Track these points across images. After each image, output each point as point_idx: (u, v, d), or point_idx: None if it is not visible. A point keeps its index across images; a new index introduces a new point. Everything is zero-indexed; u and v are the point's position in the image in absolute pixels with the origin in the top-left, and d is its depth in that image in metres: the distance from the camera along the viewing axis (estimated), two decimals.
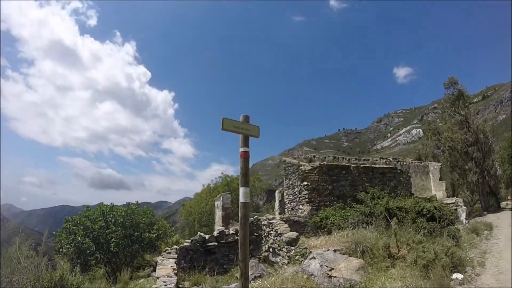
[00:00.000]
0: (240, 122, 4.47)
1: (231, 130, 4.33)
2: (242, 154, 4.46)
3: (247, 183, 4.45)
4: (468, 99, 29.56)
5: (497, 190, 30.13)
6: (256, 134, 4.60)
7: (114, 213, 16.13)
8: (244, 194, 4.40)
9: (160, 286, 7.07)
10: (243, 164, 4.43)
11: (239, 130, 4.42)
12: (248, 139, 4.52)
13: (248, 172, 4.49)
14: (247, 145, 4.49)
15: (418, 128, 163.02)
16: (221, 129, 4.25)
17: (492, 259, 9.37)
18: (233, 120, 4.40)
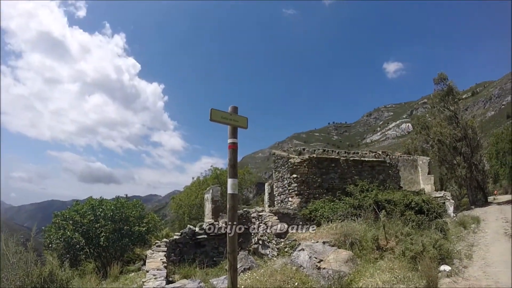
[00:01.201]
0: (228, 113, 4.44)
1: (219, 121, 4.30)
2: (230, 145, 4.44)
3: (235, 174, 4.44)
4: (457, 95, 29.94)
5: (484, 184, 30.67)
6: (245, 125, 4.57)
7: (103, 207, 16.03)
8: (232, 186, 4.39)
9: (149, 279, 7.05)
10: (231, 155, 4.42)
11: (227, 121, 4.39)
12: (236, 130, 4.50)
13: (236, 164, 4.47)
14: (236, 136, 4.47)
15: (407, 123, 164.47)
16: (209, 120, 4.22)
17: (479, 252, 9.53)
18: (221, 111, 4.37)
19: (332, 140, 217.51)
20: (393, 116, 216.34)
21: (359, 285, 5.99)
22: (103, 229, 15.25)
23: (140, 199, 19.28)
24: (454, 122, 27.65)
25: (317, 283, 6.09)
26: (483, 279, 6.77)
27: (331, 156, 16.39)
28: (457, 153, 26.82)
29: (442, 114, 28.16)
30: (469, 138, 26.83)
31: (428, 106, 34.98)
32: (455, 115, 27.99)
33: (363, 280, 6.18)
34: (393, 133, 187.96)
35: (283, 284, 5.75)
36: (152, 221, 17.73)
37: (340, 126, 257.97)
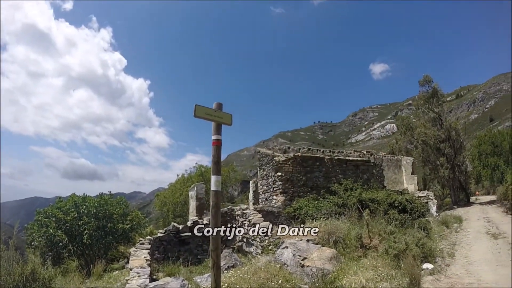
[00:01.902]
0: (212, 110, 4.39)
1: (203, 117, 4.25)
2: (214, 142, 4.40)
3: (219, 171, 4.41)
4: (442, 97, 30.54)
5: (467, 185, 31.36)
6: (229, 122, 4.54)
7: (86, 204, 15.81)
8: (215, 183, 4.36)
9: (133, 277, 6.97)
10: (215, 152, 4.38)
11: (212, 118, 4.34)
12: (220, 127, 4.46)
13: (220, 160, 4.44)
14: (220, 133, 4.43)
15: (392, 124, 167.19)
16: (193, 116, 4.17)
17: (461, 251, 9.70)
18: (205, 107, 4.31)
19: (318, 139, 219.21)
20: (378, 116, 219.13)
21: (343, 283, 6.01)
22: (86, 227, 15.03)
23: (124, 196, 19.07)
24: (438, 124, 28.19)
25: (300, 281, 6.10)
26: (465, 277, 6.89)
27: (316, 155, 16.49)
28: (440, 154, 27.34)
29: (426, 115, 28.67)
30: (452, 140, 27.38)
31: (413, 107, 35.63)
32: (439, 117, 28.53)
33: (347, 277, 6.21)
34: (377, 133, 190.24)
35: (267, 282, 5.74)
36: (136, 218, 17.54)
37: (325, 125, 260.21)
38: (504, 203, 18.31)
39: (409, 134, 29.89)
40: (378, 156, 22.54)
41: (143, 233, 17.01)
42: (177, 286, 6.11)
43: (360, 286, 5.84)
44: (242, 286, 5.49)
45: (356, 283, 5.94)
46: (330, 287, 5.88)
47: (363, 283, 5.92)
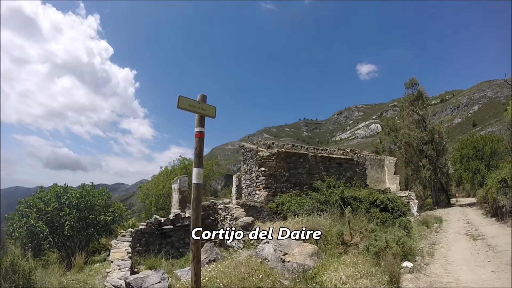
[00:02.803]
0: (196, 102, 4.33)
1: (186, 109, 4.20)
2: (197, 134, 4.35)
3: (201, 164, 4.37)
4: (426, 100, 31.19)
5: (448, 187, 32.10)
6: (212, 114, 4.49)
7: (68, 195, 15.63)
8: (197, 175, 4.32)
9: (114, 269, 6.89)
10: (198, 144, 4.33)
11: (195, 109, 4.29)
12: (204, 119, 4.41)
13: (202, 153, 4.40)
14: (203, 125, 4.38)
15: (377, 124, 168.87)
16: (176, 107, 4.12)
17: (441, 250, 9.91)
18: (189, 98, 4.25)
19: (302, 136, 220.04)
20: (363, 116, 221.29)
21: (323, 279, 6.04)
22: (67, 218, 14.85)
23: (107, 188, 18.88)
24: (422, 126, 28.76)
25: (281, 276, 6.12)
26: (444, 276, 7.03)
27: (299, 151, 16.53)
28: (423, 155, 27.90)
29: (411, 117, 29.19)
30: (435, 142, 27.95)
31: (398, 109, 36.17)
32: (423, 119, 29.10)
33: (327, 274, 6.25)
34: (362, 133, 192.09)
35: (247, 276, 5.74)
36: (118, 210, 17.41)
37: (310, 122, 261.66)
38: (484, 206, 18.75)
39: (393, 135, 30.39)
40: (361, 155, 22.73)
41: (125, 225, 16.88)
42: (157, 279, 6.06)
43: (340, 283, 5.88)
44: (223, 280, 5.48)
45: (337, 279, 5.98)
46: (311, 283, 5.91)
47: (343, 279, 5.97)
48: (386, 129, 32.47)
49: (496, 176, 16.46)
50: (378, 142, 36.21)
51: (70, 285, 7.94)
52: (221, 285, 5.33)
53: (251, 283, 5.49)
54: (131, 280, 5.64)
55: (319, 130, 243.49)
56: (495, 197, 15.42)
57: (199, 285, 4.34)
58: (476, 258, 8.61)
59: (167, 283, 5.44)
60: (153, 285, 5.41)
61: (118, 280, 6.22)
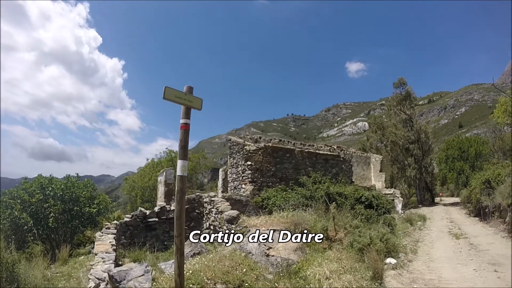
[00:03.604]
0: (183, 93, 4.28)
1: (172, 100, 4.14)
2: (183, 125, 4.30)
3: (186, 156, 4.33)
4: (414, 101, 31.62)
5: (432, 186, 32.68)
6: (199, 106, 4.44)
7: (53, 186, 15.42)
8: (181, 168, 4.28)
9: (98, 262, 6.83)
10: (183, 136, 4.28)
11: (181, 101, 4.22)
12: (189, 111, 4.35)
13: (187, 145, 4.35)
14: (188, 117, 4.33)
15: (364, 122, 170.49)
16: (162, 98, 4.07)
17: (424, 248, 10.12)
18: (176, 90, 4.20)
19: (290, 132, 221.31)
20: (351, 113, 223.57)
21: (307, 274, 6.09)
22: (52, 209, 14.66)
23: (92, 179, 18.69)
24: (409, 126, 29.16)
25: (265, 270, 6.14)
26: (426, 273, 7.19)
27: (286, 146, 16.54)
28: (409, 154, 28.32)
29: (398, 116, 29.57)
30: (421, 142, 28.39)
31: (386, 107, 36.57)
32: (410, 119, 29.51)
33: (311, 268, 6.30)
34: (349, 130, 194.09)
35: (231, 270, 5.75)
36: (104, 202, 17.26)
37: (298, 118, 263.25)
38: (467, 206, 19.13)
39: (380, 133, 30.75)
40: (348, 152, 22.89)
41: (110, 217, 16.71)
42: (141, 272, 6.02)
43: (324, 278, 5.93)
44: (207, 274, 5.48)
45: (320, 274, 6.03)
46: (294, 277, 5.95)
47: (327, 274, 6.01)
48: (374, 127, 32.81)
49: (480, 177, 16.76)
50: (365, 139, 36.55)
51: (54, 278, 7.86)
52: (205, 278, 5.32)
53: (235, 277, 5.50)
54: (114, 272, 5.59)
55: (306, 126, 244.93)
56: (479, 198, 15.72)
57: (182, 278, 4.31)
58: (458, 256, 8.80)
59: (151, 276, 5.41)
60: (137, 278, 5.37)
61: (102, 273, 6.17)
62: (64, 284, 7.26)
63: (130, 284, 5.20)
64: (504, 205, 12.31)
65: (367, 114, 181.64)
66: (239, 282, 5.42)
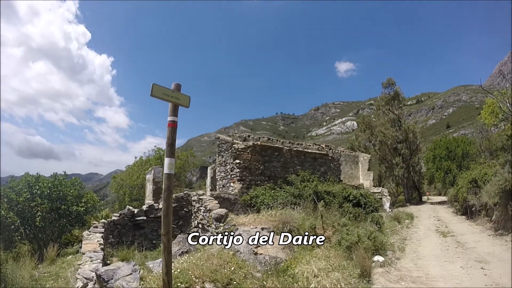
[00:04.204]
0: (170, 90, 4.25)
1: (160, 97, 4.12)
2: (170, 123, 4.28)
3: (173, 154, 4.31)
4: (402, 101, 31.97)
5: (420, 185, 33.10)
6: (186, 104, 4.42)
7: (40, 184, 15.21)
8: (169, 165, 4.26)
9: (85, 261, 6.76)
10: (170, 134, 4.26)
11: (169, 98, 4.20)
12: (177, 108, 4.34)
13: (174, 143, 4.33)
14: (176, 115, 4.31)
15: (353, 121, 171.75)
16: (150, 95, 4.05)
17: (411, 246, 10.23)
18: (163, 87, 4.17)
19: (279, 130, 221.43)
20: (340, 113, 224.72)
21: (295, 272, 6.11)
22: (39, 208, 14.48)
23: (80, 177, 18.50)
24: (397, 125, 29.48)
25: (253, 268, 6.15)
26: (414, 271, 7.27)
27: (275, 145, 16.54)
28: (397, 153, 28.63)
29: (386, 116, 29.86)
30: (409, 141, 28.73)
31: (374, 107, 36.88)
32: (399, 118, 29.84)
33: (300, 266, 6.32)
34: (338, 129, 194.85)
35: (220, 268, 5.75)
36: (91, 201, 17.09)
37: (287, 117, 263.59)
38: (454, 204, 19.39)
39: (368, 132, 31.00)
40: (336, 151, 22.98)
41: (98, 216, 16.54)
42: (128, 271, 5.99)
43: (312, 275, 5.95)
44: (195, 272, 5.47)
45: (309, 272, 6.06)
46: (283, 275, 5.97)
47: (315, 272, 6.04)
48: (362, 126, 33.03)
49: (467, 176, 17.01)
50: (353, 138, 36.76)
51: (42, 278, 7.76)
52: (193, 277, 5.32)
53: (223, 275, 5.50)
54: (102, 272, 5.55)
55: (295, 125, 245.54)
56: (466, 197, 15.96)
57: (170, 277, 4.30)
58: (445, 254, 8.93)
59: (139, 275, 5.39)
60: (124, 277, 5.35)
61: (89, 272, 6.13)
62: (52, 284, 7.16)
63: (118, 283, 5.17)
64: (490, 204, 12.51)
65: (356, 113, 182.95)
66: (227, 280, 5.43)
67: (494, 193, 11.59)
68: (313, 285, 5.66)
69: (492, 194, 11.90)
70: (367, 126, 31.58)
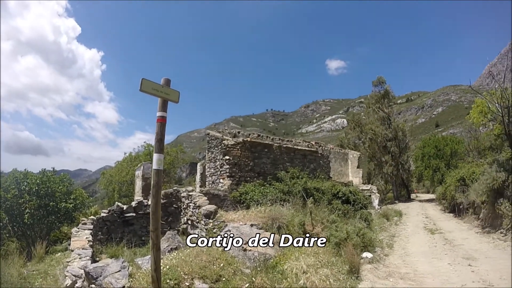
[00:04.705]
0: (160, 85, 4.25)
1: (149, 93, 4.09)
2: (159, 119, 4.27)
3: (162, 149, 4.29)
4: (392, 99, 32.25)
5: (408, 182, 33.48)
6: (176, 99, 4.41)
7: (28, 181, 14.99)
8: (157, 161, 4.25)
9: (74, 259, 6.71)
10: (159, 129, 4.25)
11: (158, 93, 4.19)
12: (166, 103, 4.33)
13: (163, 138, 4.31)
14: (165, 110, 4.30)
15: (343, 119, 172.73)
16: (139, 90, 4.02)
17: (400, 242, 10.35)
18: (153, 82, 4.15)
19: (269, 127, 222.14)
20: (330, 110, 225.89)
21: (284, 268, 6.11)
22: (27, 205, 14.29)
23: (69, 174, 18.29)
24: (387, 123, 29.74)
25: (242, 265, 6.17)
26: (402, 267, 7.36)
27: (265, 141, 16.51)
28: (386, 151, 28.90)
29: (376, 114, 30.08)
30: (398, 140, 29.01)
31: (364, 105, 37.11)
32: (389, 117, 30.11)
33: (289, 263, 6.33)
34: (328, 127, 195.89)
35: (209, 265, 5.76)
36: (80, 197, 16.91)
37: (277, 114, 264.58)
38: (443, 202, 19.65)
39: (358, 130, 31.22)
40: (326, 148, 23.01)
41: (87, 213, 16.43)
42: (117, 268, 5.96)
43: (301, 272, 5.97)
44: (184, 269, 5.47)
45: (298, 268, 6.07)
46: (272, 271, 5.98)
47: (304, 268, 6.06)
48: (352, 124, 33.20)
49: (455, 175, 17.26)
50: (343, 136, 36.96)
51: (30, 276, 7.68)
52: (182, 273, 5.32)
53: (212, 272, 5.52)
54: (90, 269, 5.52)
55: (285, 122, 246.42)
56: (454, 195, 16.20)
57: (159, 273, 4.30)
58: (433, 250, 9.05)
59: (127, 272, 5.38)
60: (113, 274, 5.33)
61: (78, 269, 6.10)
62: (41, 282, 7.11)
63: (107, 280, 5.15)
64: (478, 202, 12.72)
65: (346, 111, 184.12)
66: (216, 277, 5.44)
67: (482, 191, 11.76)
68: (302, 281, 5.68)
69: (479, 193, 12.09)
70: (357, 124, 31.77)
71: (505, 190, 10.52)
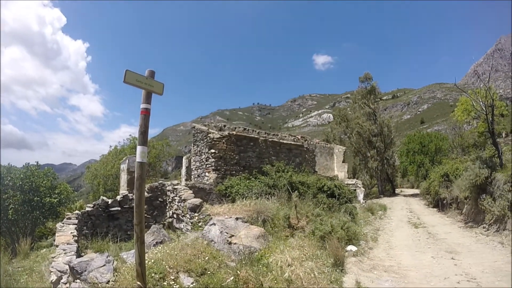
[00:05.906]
0: (144, 77, 4.22)
1: (133, 84, 4.06)
2: (143, 111, 4.24)
3: (146, 142, 4.27)
4: (379, 95, 32.70)
5: (393, 177, 34.05)
6: (160, 91, 4.38)
7: (11, 175, 14.70)
8: (141, 154, 4.22)
9: (59, 254, 6.63)
10: (143, 121, 4.22)
11: (142, 85, 4.16)
12: (150, 95, 4.30)
13: (147, 131, 4.28)
14: (149, 102, 4.27)
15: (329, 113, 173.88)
16: (123, 82, 3.99)
17: (384, 236, 10.52)
18: (137, 73, 4.12)
19: (255, 121, 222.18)
20: (316, 105, 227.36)
21: (269, 261, 6.13)
22: (11, 201, 14.03)
23: (53, 168, 17.95)
24: (372, 119, 30.14)
25: (227, 258, 6.19)
26: (386, 260, 7.50)
27: (250, 135, 16.51)
28: (372, 146, 29.32)
29: (362, 110, 30.44)
30: (384, 135, 29.42)
31: (351, 100, 37.44)
32: (374, 112, 30.51)
33: (274, 256, 6.37)
34: (314, 121, 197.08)
35: (194, 258, 5.77)
36: (65, 192, 16.69)
37: (264, 108, 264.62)
38: (427, 197, 20.06)
39: (344, 125, 31.58)
40: (312, 142, 23.14)
41: (72, 207, 16.22)
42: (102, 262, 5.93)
43: (286, 265, 6.01)
44: (169, 262, 5.48)
45: (283, 261, 6.11)
46: (257, 264, 6.03)
47: (289, 261, 6.11)
48: (338, 119, 33.47)
49: (439, 170, 17.61)
50: (329, 131, 37.28)
51: (16, 273, 7.57)
52: (167, 267, 5.33)
53: (197, 265, 5.53)
54: (75, 264, 5.49)
55: (272, 116, 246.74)
56: (437, 190, 16.56)
57: (143, 267, 4.27)
58: (417, 244, 9.24)
59: (112, 266, 5.36)
60: (98, 268, 5.31)
61: (63, 265, 6.03)
62: (26, 279, 7.00)
63: (91, 275, 5.13)
64: (461, 198, 13.03)
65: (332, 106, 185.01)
66: (201, 270, 5.46)
67: (465, 187, 12.00)
68: (287, 274, 5.73)
69: (463, 188, 12.35)
70: (343, 119, 32.09)
71: (488, 186, 10.75)
